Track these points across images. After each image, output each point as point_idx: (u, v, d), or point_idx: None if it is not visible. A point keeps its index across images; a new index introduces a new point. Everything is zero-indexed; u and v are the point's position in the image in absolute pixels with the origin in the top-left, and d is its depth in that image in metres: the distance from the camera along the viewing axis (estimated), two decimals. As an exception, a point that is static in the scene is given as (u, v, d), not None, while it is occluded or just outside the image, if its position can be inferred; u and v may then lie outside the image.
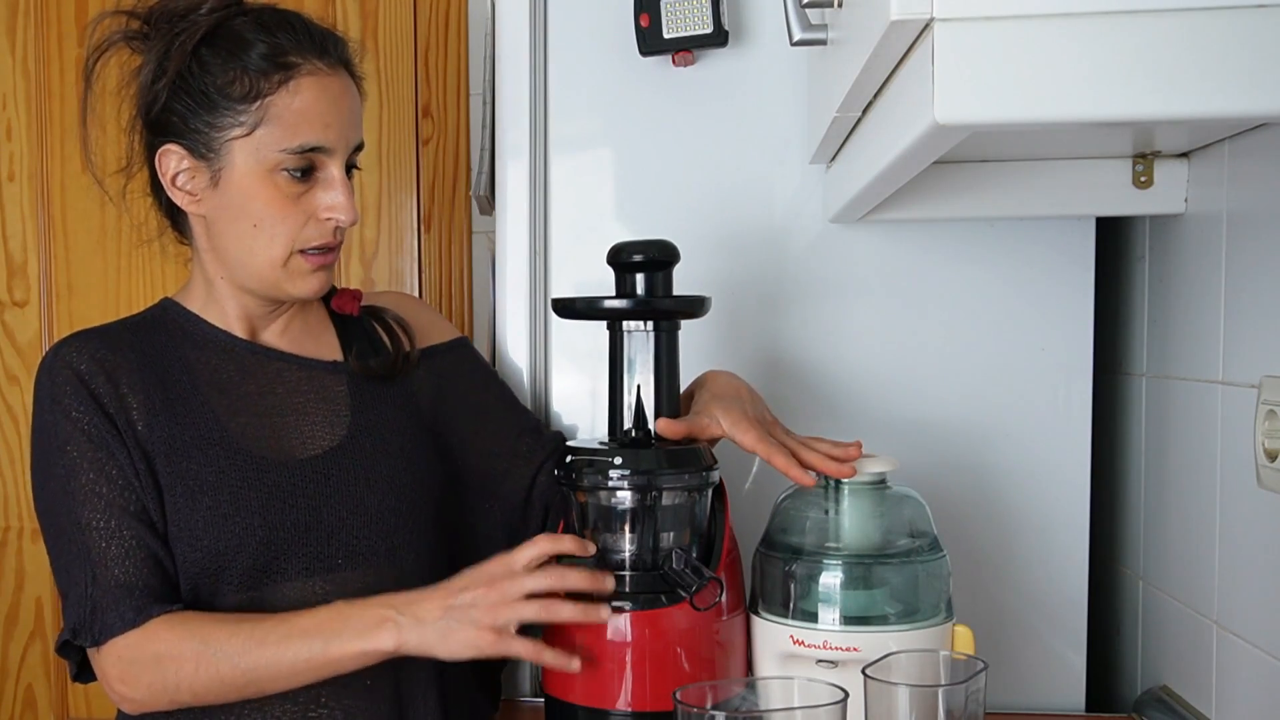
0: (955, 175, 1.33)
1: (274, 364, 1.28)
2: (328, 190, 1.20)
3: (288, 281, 1.23)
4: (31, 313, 2.15)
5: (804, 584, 1.16)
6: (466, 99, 2.06)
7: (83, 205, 2.12)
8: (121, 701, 1.18)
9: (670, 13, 1.42)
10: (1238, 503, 1.17)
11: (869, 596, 1.15)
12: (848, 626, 1.13)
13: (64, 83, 2.11)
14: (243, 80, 1.17)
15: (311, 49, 1.19)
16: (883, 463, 1.19)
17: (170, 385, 1.22)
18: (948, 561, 1.18)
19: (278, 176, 1.19)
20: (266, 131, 1.17)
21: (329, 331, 1.34)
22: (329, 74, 1.20)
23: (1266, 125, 1.10)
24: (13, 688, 2.17)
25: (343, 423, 1.26)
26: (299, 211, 1.20)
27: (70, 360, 1.20)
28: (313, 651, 1.13)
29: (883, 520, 1.19)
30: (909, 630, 1.13)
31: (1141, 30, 0.75)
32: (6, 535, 2.16)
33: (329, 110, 1.19)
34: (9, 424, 2.16)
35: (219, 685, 1.14)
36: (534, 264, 1.50)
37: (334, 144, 1.20)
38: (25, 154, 2.13)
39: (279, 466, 1.21)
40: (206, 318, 1.28)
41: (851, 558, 1.16)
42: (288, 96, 1.18)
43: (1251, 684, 1.15)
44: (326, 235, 1.22)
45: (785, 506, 1.22)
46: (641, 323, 1.22)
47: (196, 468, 1.19)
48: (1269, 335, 1.11)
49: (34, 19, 2.12)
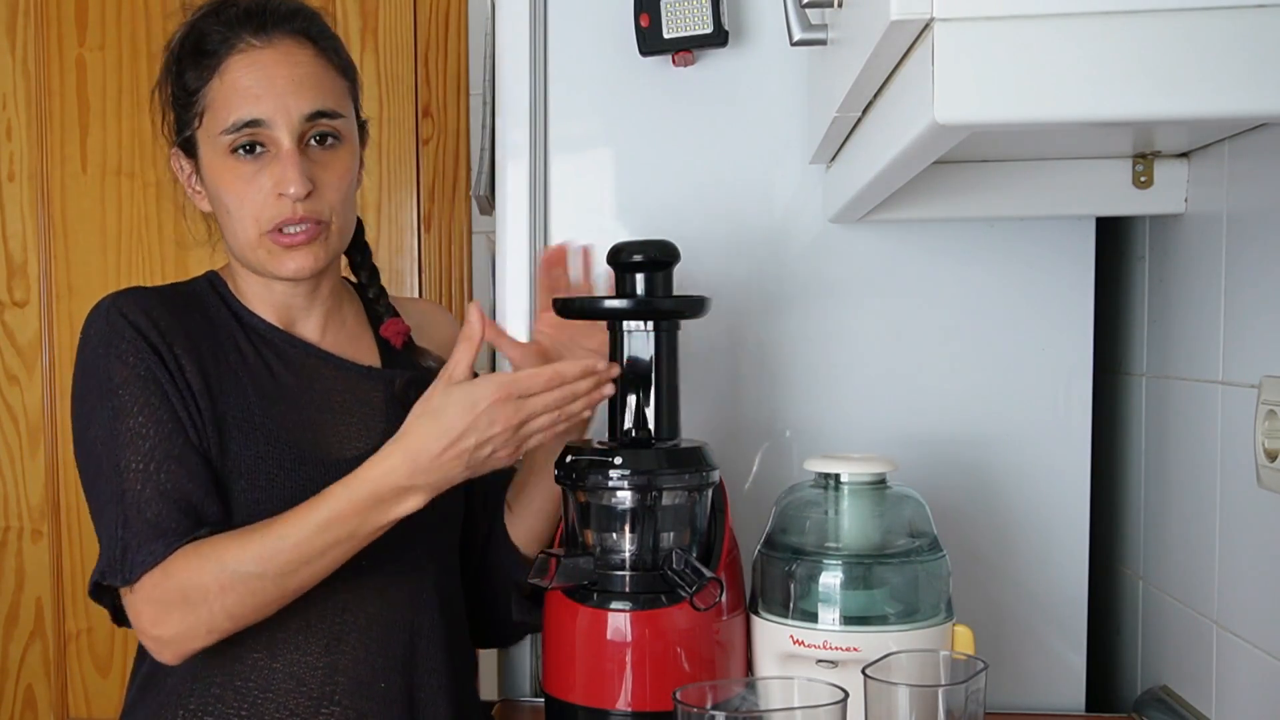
0: (955, 175, 1.33)
1: (311, 360, 1.27)
2: (274, 163, 1.19)
3: (269, 262, 1.22)
4: (31, 313, 2.15)
5: (804, 584, 1.15)
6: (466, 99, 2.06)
7: (83, 205, 2.12)
8: (160, 649, 1.15)
9: (670, 13, 1.42)
10: (1238, 503, 1.17)
11: (869, 596, 1.15)
12: (848, 626, 1.13)
13: (64, 83, 2.11)
14: (189, 75, 1.21)
15: (245, 26, 1.19)
16: (882, 463, 1.19)
17: (219, 359, 1.22)
18: (948, 561, 1.18)
19: (230, 160, 1.20)
20: (210, 118, 1.20)
21: (367, 336, 1.34)
22: (260, 48, 1.19)
23: (1266, 125, 1.10)
24: (13, 688, 2.17)
25: (378, 429, 1.25)
26: (255, 191, 1.19)
27: (126, 310, 1.21)
28: (339, 538, 1.12)
29: (882, 520, 1.19)
30: (909, 630, 1.13)
31: (1141, 30, 0.75)
32: (6, 535, 2.16)
33: (259, 83, 1.18)
34: (9, 424, 2.16)
35: (252, 599, 1.12)
36: (534, 264, 1.50)
37: (268, 114, 1.18)
38: (25, 154, 2.13)
39: (315, 461, 1.21)
40: (243, 300, 1.28)
41: (851, 558, 1.16)
42: (218, 81, 1.19)
43: (1251, 684, 1.15)
44: (285, 211, 1.19)
45: (786, 506, 1.23)
46: (641, 323, 1.22)
47: (236, 448, 1.19)
48: (1269, 335, 1.11)
49: (34, 19, 2.12)
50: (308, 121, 1.20)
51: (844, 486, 1.19)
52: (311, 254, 1.22)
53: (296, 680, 1.18)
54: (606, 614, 1.16)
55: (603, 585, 1.17)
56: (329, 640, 1.20)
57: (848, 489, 1.19)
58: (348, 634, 1.21)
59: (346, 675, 1.20)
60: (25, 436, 2.15)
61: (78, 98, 2.10)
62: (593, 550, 1.19)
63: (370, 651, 1.20)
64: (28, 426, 2.15)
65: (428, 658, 1.24)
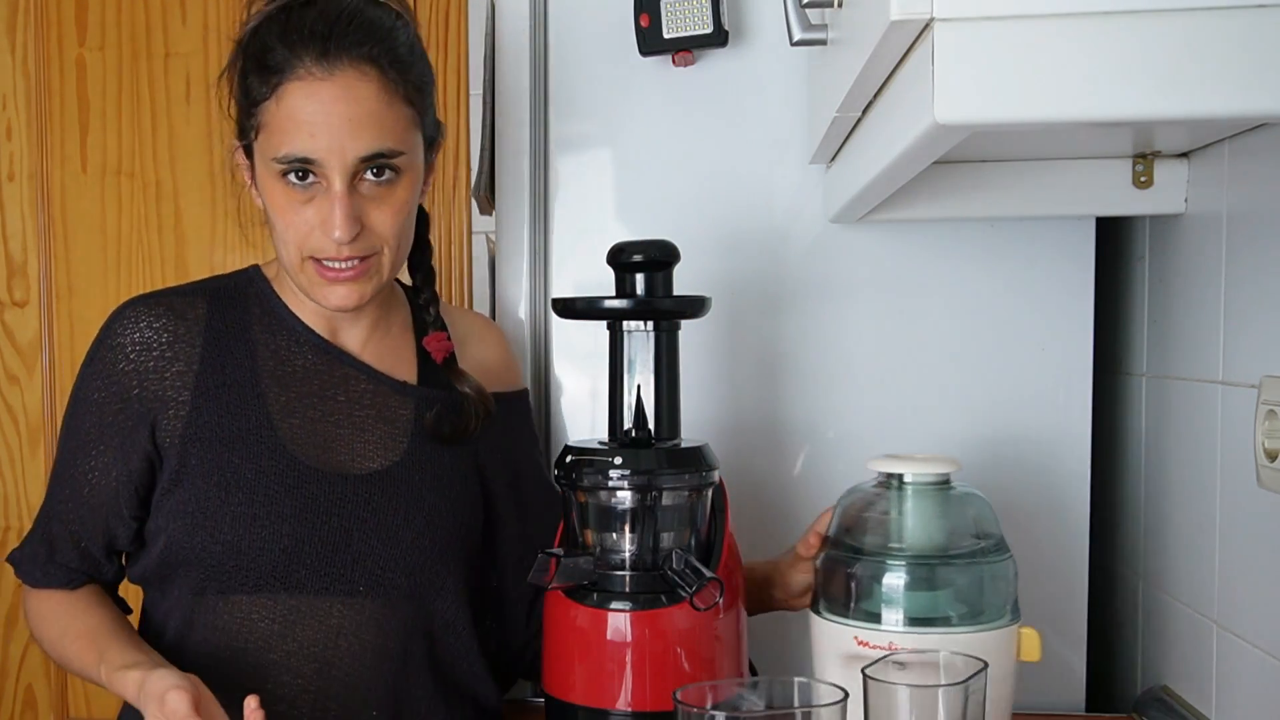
0: (955, 175, 1.33)
1: (344, 369, 1.24)
2: (324, 200, 1.13)
3: (311, 288, 1.18)
4: (31, 313, 2.15)
5: (866, 585, 1.14)
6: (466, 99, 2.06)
7: (83, 205, 2.12)
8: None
9: (670, 13, 1.42)
10: (1238, 503, 1.17)
11: (932, 598, 1.13)
12: (911, 627, 1.12)
13: (64, 83, 2.11)
14: (251, 82, 1.15)
15: (309, 48, 1.11)
16: (946, 463, 1.18)
17: (230, 368, 1.20)
18: (1014, 562, 1.17)
19: (281, 183, 1.14)
20: (264, 138, 1.14)
21: (409, 350, 1.29)
22: (322, 79, 1.11)
23: (1266, 125, 1.10)
24: (13, 688, 2.16)
25: (398, 448, 1.23)
26: (302, 220, 1.14)
27: (128, 326, 1.21)
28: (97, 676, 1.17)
29: (946, 520, 1.18)
30: (975, 632, 1.12)
31: (1141, 30, 0.75)
32: (6, 535, 2.16)
33: (315, 118, 1.11)
34: (9, 424, 2.16)
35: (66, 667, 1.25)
36: (534, 264, 1.50)
37: (321, 155, 1.11)
38: (25, 154, 2.13)
39: (321, 478, 1.19)
40: (286, 301, 1.25)
41: (915, 558, 1.14)
42: (274, 104, 1.13)
43: (1251, 684, 1.15)
44: (329, 249, 1.14)
45: (848, 507, 1.22)
46: (641, 323, 1.22)
47: (238, 460, 1.17)
48: (1269, 335, 1.11)
49: (34, 19, 2.12)
50: (362, 162, 1.13)
51: (907, 487, 1.18)
52: (358, 289, 1.17)
53: (288, 704, 1.17)
54: (606, 614, 1.15)
55: (603, 585, 1.17)
56: (320, 665, 1.18)
57: (911, 489, 1.18)
58: (339, 660, 1.19)
59: (337, 702, 1.19)
60: (25, 436, 2.15)
61: (78, 98, 2.10)
62: (593, 550, 1.19)
63: (356, 681, 1.19)
64: (28, 426, 2.14)
65: (419, 686, 1.23)
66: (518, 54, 1.49)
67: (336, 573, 1.18)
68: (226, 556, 1.16)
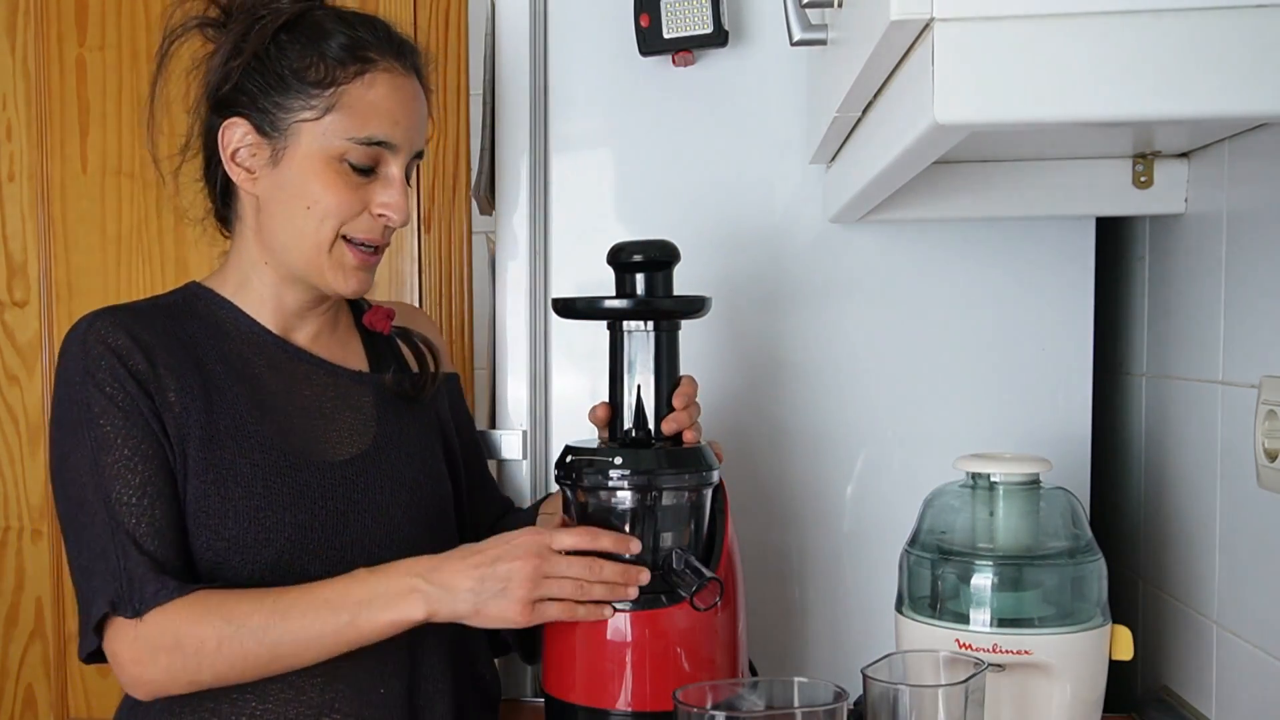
0: (955, 175, 1.33)
1: (302, 365, 1.27)
2: (386, 188, 1.21)
3: (330, 270, 1.22)
4: (31, 313, 2.15)
5: (953, 585, 1.14)
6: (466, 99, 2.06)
7: (83, 205, 2.12)
8: (135, 685, 1.14)
9: (670, 13, 1.42)
10: (1238, 503, 1.17)
11: (1018, 598, 1.13)
12: (1000, 629, 1.12)
13: (64, 83, 2.11)
14: (319, 66, 1.18)
15: (390, 49, 1.21)
16: (1036, 463, 1.18)
17: (205, 371, 1.21)
18: (1103, 563, 1.17)
19: (340, 165, 1.19)
20: (336, 119, 1.18)
21: (355, 342, 1.34)
22: (403, 75, 1.21)
23: (1266, 125, 1.10)
24: (13, 688, 2.16)
25: (368, 432, 1.26)
26: (355, 200, 1.20)
27: (104, 334, 1.18)
28: (340, 624, 1.12)
29: (1035, 521, 1.18)
30: (1070, 633, 1.13)
31: (1141, 30, 0.75)
32: (6, 535, 2.16)
33: (399, 109, 1.20)
34: (9, 424, 2.16)
35: (242, 663, 1.12)
36: (534, 264, 1.50)
37: (400, 142, 1.20)
38: (25, 154, 2.13)
39: (310, 466, 1.21)
40: (239, 304, 1.26)
41: (1004, 559, 1.14)
42: (362, 88, 1.19)
43: (1251, 684, 1.15)
44: (375, 232, 1.22)
45: (935, 506, 1.21)
46: (641, 323, 1.22)
47: (231, 457, 1.18)
48: (1269, 335, 1.11)
49: (34, 19, 2.12)
50: (415, 158, 1.24)
51: (997, 487, 1.18)
52: (369, 276, 1.25)
53: (295, 689, 1.17)
54: (606, 614, 1.16)
55: (603, 585, 1.17)
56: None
57: (1001, 489, 1.18)
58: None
59: (346, 682, 1.19)
60: (25, 436, 2.15)
61: (78, 98, 2.10)
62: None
63: (370, 656, 1.20)
64: (28, 426, 2.15)
65: (428, 663, 1.24)
66: (518, 54, 1.49)
67: (337, 556, 1.20)
68: (231, 552, 1.16)
